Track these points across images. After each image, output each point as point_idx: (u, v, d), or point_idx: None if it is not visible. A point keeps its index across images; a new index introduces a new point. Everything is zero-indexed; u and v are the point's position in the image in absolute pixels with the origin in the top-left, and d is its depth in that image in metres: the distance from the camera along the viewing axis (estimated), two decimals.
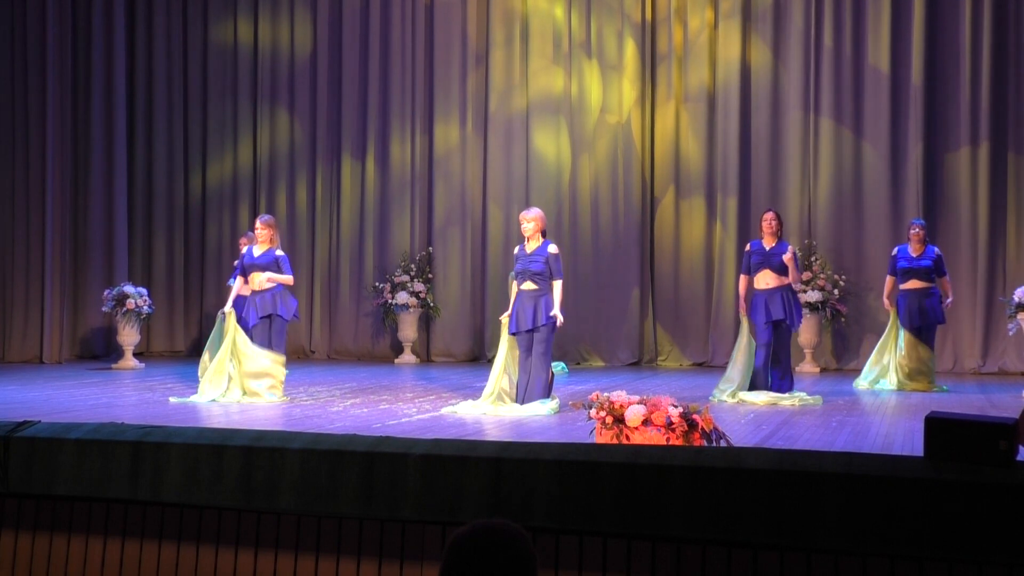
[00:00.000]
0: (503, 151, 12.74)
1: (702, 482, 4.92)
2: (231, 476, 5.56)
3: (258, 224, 8.81)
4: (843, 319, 11.48)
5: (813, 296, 11.29)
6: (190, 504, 5.67)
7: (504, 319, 8.16)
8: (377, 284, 12.78)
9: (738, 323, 11.92)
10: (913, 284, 9.62)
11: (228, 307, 8.74)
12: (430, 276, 12.74)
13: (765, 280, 8.69)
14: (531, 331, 7.94)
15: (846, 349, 11.67)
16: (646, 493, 4.98)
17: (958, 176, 11.36)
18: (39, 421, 6.20)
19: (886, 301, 9.90)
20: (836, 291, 11.39)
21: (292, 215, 13.32)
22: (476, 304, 12.72)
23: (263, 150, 13.40)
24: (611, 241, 12.35)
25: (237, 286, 8.95)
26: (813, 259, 11.53)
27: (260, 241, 8.74)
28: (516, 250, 8.31)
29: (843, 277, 11.47)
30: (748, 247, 8.98)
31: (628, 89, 12.35)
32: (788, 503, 4.82)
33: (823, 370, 11.51)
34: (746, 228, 11.67)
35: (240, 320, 8.77)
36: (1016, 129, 11.18)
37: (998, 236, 11.21)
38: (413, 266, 12.70)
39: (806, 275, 11.38)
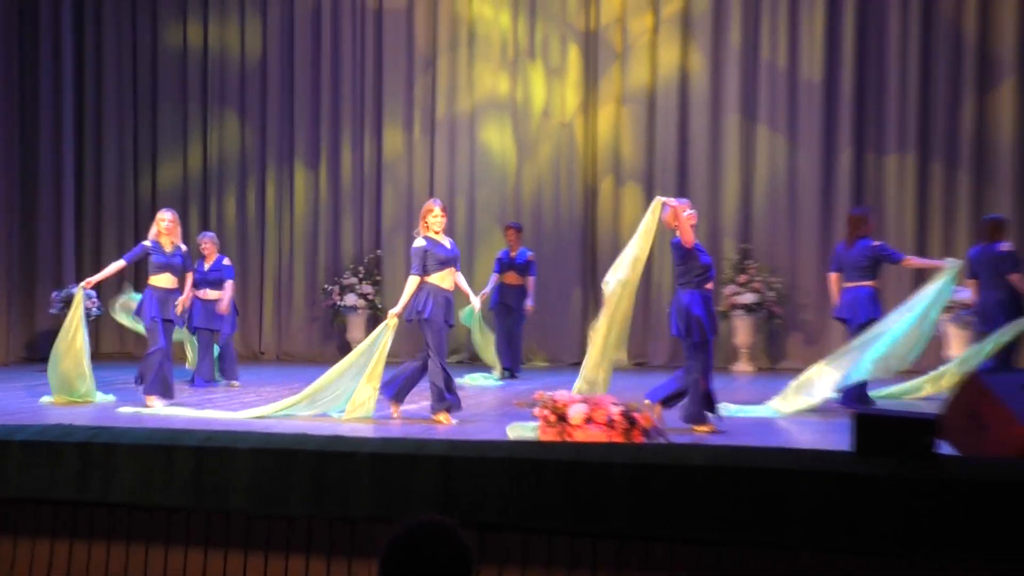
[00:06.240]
0: (449, 154, 12.74)
1: (643, 479, 4.96)
2: (181, 476, 5.49)
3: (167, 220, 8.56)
4: (778, 320, 11.63)
5: (748, 298, 11.42)
6: (140, 505, 5.60)
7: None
8: (326, 287, 12.71)
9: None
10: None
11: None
12: (378, 278, 12.69)
13: None
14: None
15: (780, 350, 11.82)
16: (589, 490, 5.01)
17: (887, 182, 11.55)
18: None
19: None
20: (772, 293, 11.51)
21: (243, 219, 13.21)
22: None
23: (213, 154, 13.27)
24: (553, 241, 12.40)
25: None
26: (748, 262, 11.65)
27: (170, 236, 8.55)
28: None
29: (777, 279, 11.61)
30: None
31: (571, 92, 12.41)
32: (725, 498, 4.87)
33: (759, 370, 11.64)
34: None
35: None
36: (943, 140, 11.38)
37: (925, 242, 11.40)
38: (361, 268, 12.65)
39: (742, 278, 11.50)
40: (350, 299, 12.43)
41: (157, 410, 7.96)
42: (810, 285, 11.63)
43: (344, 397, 7.62)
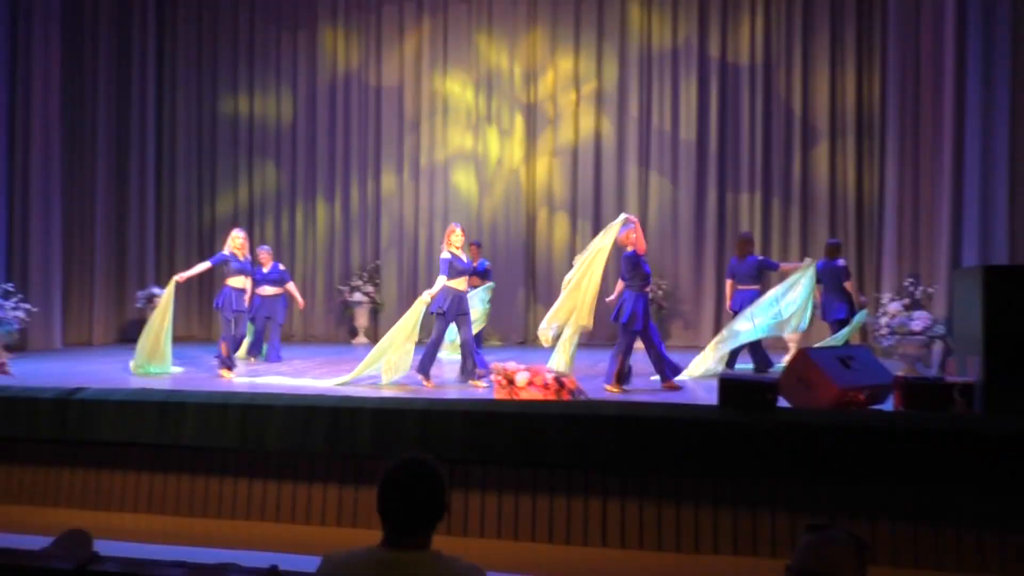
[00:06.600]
0: (429, 192, 12.66)
1: (570, 425, 4.97)
2: (233, 425, 5.42)
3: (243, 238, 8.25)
4: (665, 311, 11.70)
5: None
6: (202, 447, 5.51)
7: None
8: (340, 287, 12.60)
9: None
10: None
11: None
12: (378, 281, 12.60)
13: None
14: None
15: (666, 332, 11.87)
16: (530, 434, 5.00)
17: (741, 213, 11.65)
18: (89, 387, 5.95)
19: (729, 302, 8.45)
20: (661, 292, 11.58)
21: (278, 238, 13.02)
22: (409, 300, 12.56)
23: (256, 190, 13.08)
24: (505, 254, 12.36)
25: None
26: None
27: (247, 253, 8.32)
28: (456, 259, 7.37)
29: (664, 282, 11.69)
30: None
31: (517, 148, 12.37)
32: (628, 438, 4.89)
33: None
34: None
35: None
36: (780, 183, 11.48)
37: (769, 256, 11.50)
38: (365, 274, 12.55)
39: None
40: (357, 296, 12.34)
41: (267, 379, 7.47)
42: (687, 286, 11.73)
43: (380, 365, 7.15)
